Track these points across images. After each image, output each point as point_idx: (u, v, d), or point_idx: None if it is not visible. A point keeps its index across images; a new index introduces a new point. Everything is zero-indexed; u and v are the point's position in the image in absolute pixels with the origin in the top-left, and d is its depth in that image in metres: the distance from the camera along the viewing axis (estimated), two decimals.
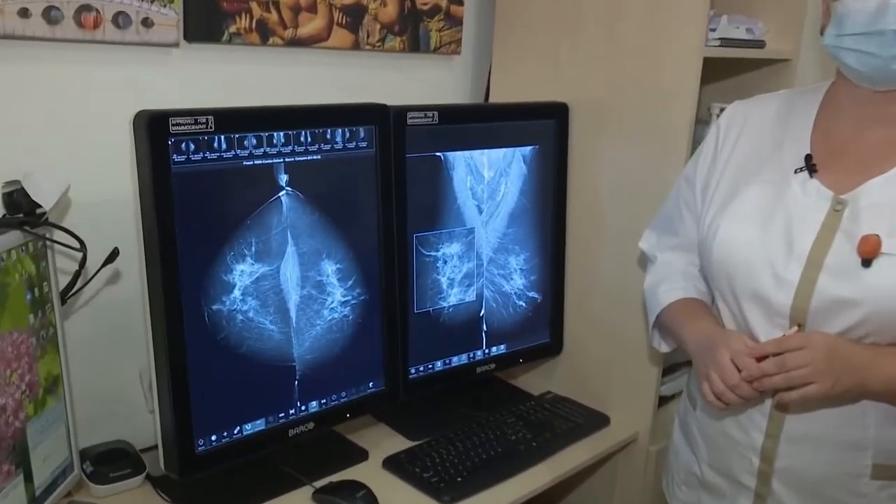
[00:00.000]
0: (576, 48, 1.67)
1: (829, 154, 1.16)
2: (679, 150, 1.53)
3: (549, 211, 1.74)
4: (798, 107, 1.22)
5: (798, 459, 1.17)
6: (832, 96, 1.20)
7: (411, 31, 1.74)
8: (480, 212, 1.63)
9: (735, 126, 1.27)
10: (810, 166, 1.16)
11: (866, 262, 1.07)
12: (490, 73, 1.84)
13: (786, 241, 1.14)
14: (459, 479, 1.42)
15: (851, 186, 1.12)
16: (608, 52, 1.62)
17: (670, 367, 1.77)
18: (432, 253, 1.57)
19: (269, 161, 1.28)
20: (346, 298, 1.44)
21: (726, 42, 1.63)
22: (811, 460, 1.16)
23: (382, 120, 1.43)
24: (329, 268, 1.40)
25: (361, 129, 1.40)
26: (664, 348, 1.38)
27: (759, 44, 1.75)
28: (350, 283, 1.44)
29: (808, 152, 1.17)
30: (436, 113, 1.51)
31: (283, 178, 1.31)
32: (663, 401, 1.75)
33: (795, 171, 1.16)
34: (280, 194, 1.31)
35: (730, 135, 1.27)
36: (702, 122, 1.66)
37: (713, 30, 1.61)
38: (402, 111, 1.47)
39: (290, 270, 1.35)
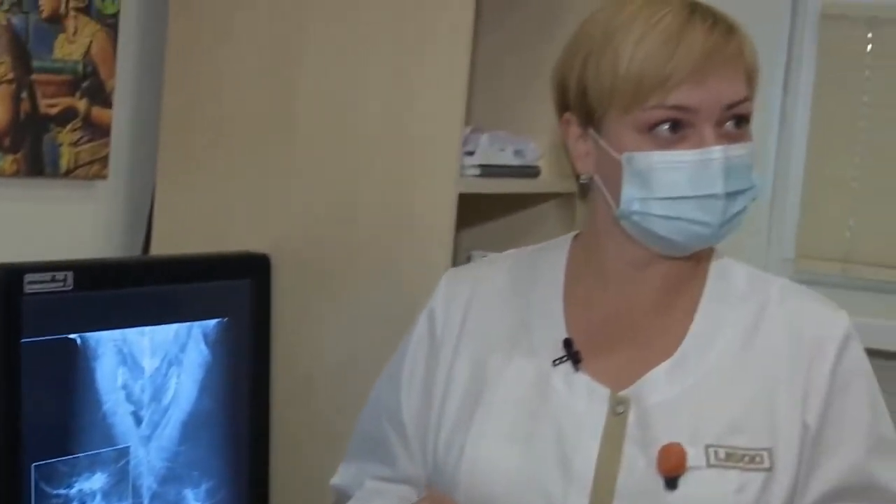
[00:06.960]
0: (285, 169, 1.77)
1: (594, 333, 1.30)
2: None
3: (244, 414, 1.78)
4: (540, 270, 1.37)
5: None
6: (587, 255, 1.34)
7: (31, 146, 1.74)
8: (139, 422, 1.64)
9: (457, 304, 1.37)
10: (573, 354, 1.28)
11: (671, 483, 1.20)
12: (153, 207, 1.89)
13: (559, 460, 1.24)
14: None
15: (631, 378, 1.26)
16: (334, 177, 1.74)
17: None
18: (62, 491, 1.54)
19: None
20: None
21: (488, 170, 1.81)
22: None
23: None
24: None
25: None
26: None
27: (532, 171, 1.96)
28: None
29: (567, 336, 1.30)
30: (69, 273, 1.52)
31: None
32: None
33: (554, 363, 1.28)
34: None
35: (451, 317, 1.37)
36: None
37: (470, 153, 1.78)
38: (14, 272, 1.46)
39: None
